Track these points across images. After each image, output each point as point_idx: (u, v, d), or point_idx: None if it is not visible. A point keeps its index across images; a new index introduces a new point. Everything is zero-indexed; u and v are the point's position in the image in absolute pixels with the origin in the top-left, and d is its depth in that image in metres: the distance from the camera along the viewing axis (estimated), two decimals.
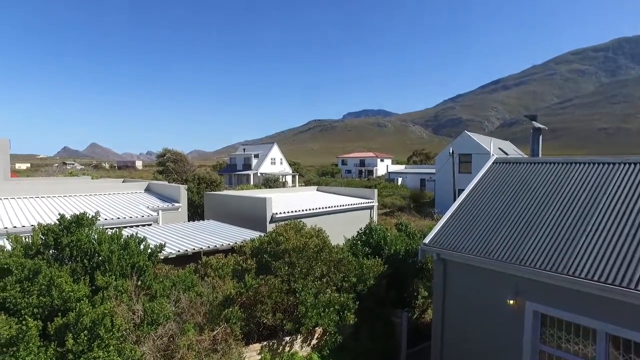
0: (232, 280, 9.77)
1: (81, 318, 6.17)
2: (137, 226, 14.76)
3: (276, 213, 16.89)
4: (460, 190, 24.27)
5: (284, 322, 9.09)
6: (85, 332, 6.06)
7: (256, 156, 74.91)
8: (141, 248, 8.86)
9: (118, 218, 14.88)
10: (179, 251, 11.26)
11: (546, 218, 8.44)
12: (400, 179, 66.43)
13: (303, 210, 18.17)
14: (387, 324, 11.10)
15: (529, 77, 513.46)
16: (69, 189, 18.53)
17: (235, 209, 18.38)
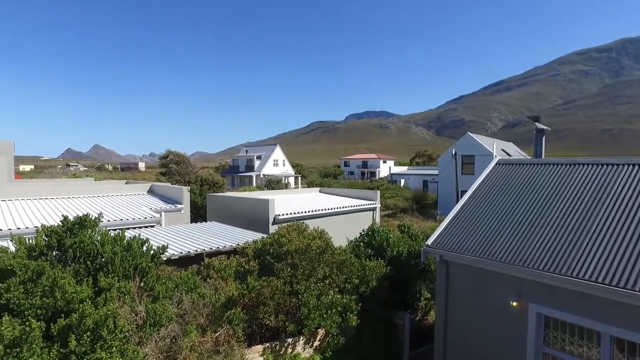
0: (235, 281, 9.78)
1: (84, 319, 6.19)
2: (140, 228, 14.81)
3: (279, 214, 16.89)
4: (463, 191, 24.22)
5: (287, 324, 9.08)
6: (88, 334, 6.08)
7: (259, 158, 75.03)
8: (144, 249, 8.87)
9: (121, 219, 14.93)
10: (182, 253, 11.28)
11: (549, 219, 8.40)
12: (402, 181, 66.33)
13: (305, 211, 18.16)
14: (390, 326, 11.08)
15: (532, 78, 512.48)
16: (72, 191, 18.62)
17: (237, 211, 18.40)
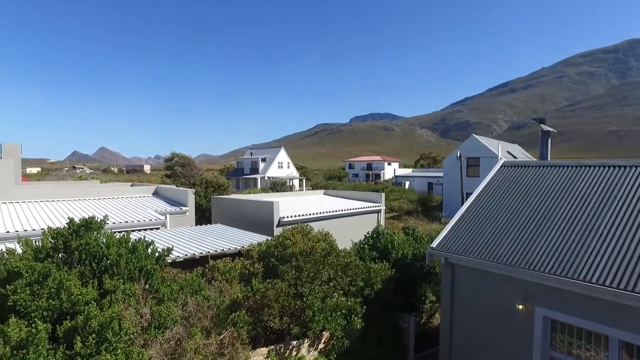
0: (239, 284, 9.78)
1: (89, 321, 6.22)
2: (145, 230, 14.88)
3: (283, 217, 16.90)
4: (468, 193, 24.11)
5: (291, 326, 9.07)
6: (93, 335, 6.11)
7: (263, 160, 75.17)
8: (149, 252, 8.91)
9: (126, 222, 15.00)
10: (187, 255, 11.31)
11: (556, 222, 8.33)
12: (407, 183, 66.16)
13: (310, 214, 18.16)
14: (395, 329, 11.03)
15: (538, 80, 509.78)
16: (78, 193, 18.76)
17: (242, 213, 18.43)
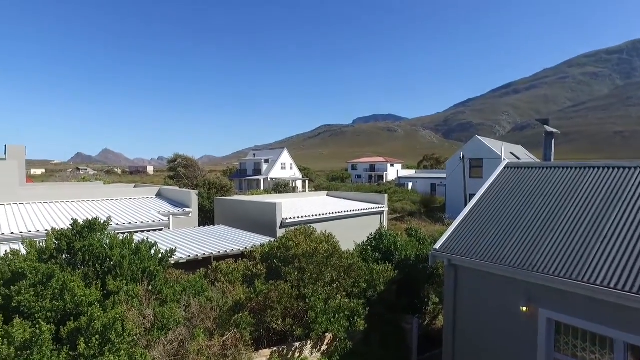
0: (242, 285, 9.78)
1: (93, 322, 6.23)
2: (149, 231, 14.90)
3: (286, 218, 16.89)
4: (471, 195, 24.02)
5: (294, 328, 9.06)
6: (96, 337, 6.12)
7: (266, 161, 75.23)
8: (152, 253, 8.92)
9: (129, 223, 15.03)
10: (190, 256, 11.32)
11: (560, 223, 8.29)
12: (410, 184, 66.02)
13: (313, 215, 18.14)
14: (398, 330, 11.00)
15: (541, 81, 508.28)
16: (82, 194, 18.83)
17: (245, 214, 18.44)
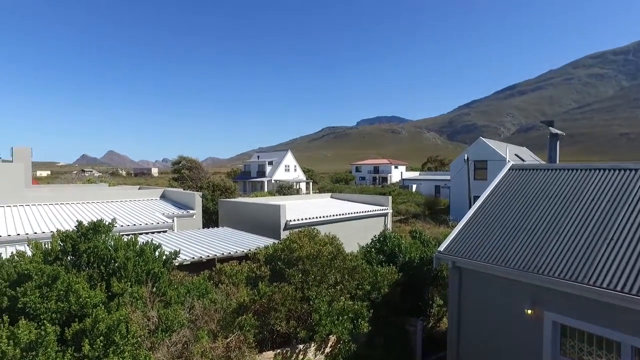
0: (246, 287, 9.78)
1: (97, 324, 6.25)
2: (153, 233, 14.95)
3: (290, 220, 16.90)
4: (475, 197, 23.93)
5: (298, 330, 9.04)
6: (101, 338, 6.13)
7: (270, 163, 75.34)
8: (156, 255, 8.95)
9: (134, 225, 15.09)
10: (194, 258, 11.35)
11: (565, 226, 8.24)
12: (414, 186, 65.85)
13: (317, 217, 18.14)
14: (402, 333, 10.95)
15: (546, 82, 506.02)
16: (87, 196, 18.93)
17: (249, 216, 18.47)
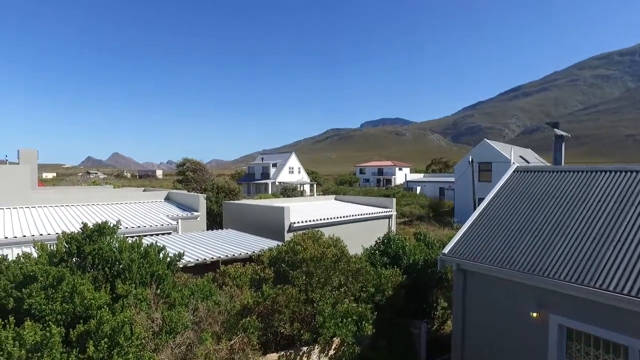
0: (250, 289, 9.79)
1: (102, 325, 6.27)
2: (157, 235, 15.00)
3: (294, 222, 16.90)
4: (480, 199, 23.82)
5: (302, 332, 9.02)
6: (105, 340, 6.15)
7: (274, 165, 75.49)
8: (160, 257, 8.97)
9: (138, 227, 15.16)
10: (198, 260, 11.37)
11: (570, 228, 8.18)
12: (419, 188, 65.73)
13: (321, 219, 18.13)
14: (406, 335, 10.91)
15: (551, 84, 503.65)
16: (92, 198, 19.04)
17: (253, 218, 18.49)
